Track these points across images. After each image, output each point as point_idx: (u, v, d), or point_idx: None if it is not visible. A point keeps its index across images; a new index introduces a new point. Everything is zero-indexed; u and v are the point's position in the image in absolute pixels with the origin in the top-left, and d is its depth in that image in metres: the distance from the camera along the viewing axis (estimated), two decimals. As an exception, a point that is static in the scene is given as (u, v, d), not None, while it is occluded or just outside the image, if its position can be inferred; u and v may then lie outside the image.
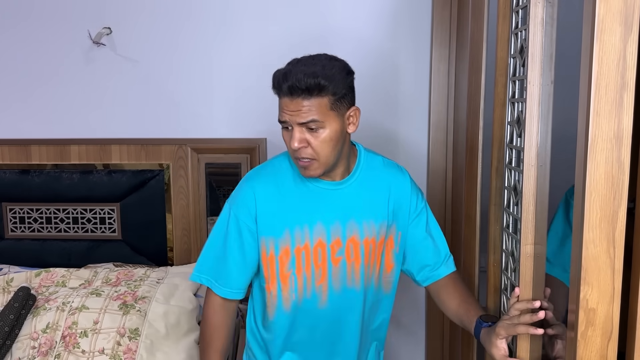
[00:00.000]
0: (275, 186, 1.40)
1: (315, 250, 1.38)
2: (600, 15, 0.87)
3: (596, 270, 0.92)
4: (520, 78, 1.23)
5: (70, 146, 2.30)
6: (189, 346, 1.85)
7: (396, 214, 1.45)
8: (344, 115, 1.30)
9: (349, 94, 1.30)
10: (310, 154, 1.28)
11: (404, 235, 1.48)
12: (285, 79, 1.24)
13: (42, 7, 2.28)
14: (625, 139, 0.89)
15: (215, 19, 2.24)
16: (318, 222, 1.38)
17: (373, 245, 1.42)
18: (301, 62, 1.27)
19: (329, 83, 1.24)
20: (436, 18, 2.16)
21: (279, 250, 1.39)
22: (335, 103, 1.27)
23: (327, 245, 1.39)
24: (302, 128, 1.26)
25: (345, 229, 1.39)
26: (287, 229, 1.38)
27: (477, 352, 1.69)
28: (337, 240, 1.39)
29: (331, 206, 1.39)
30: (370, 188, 1.42)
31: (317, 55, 1.31)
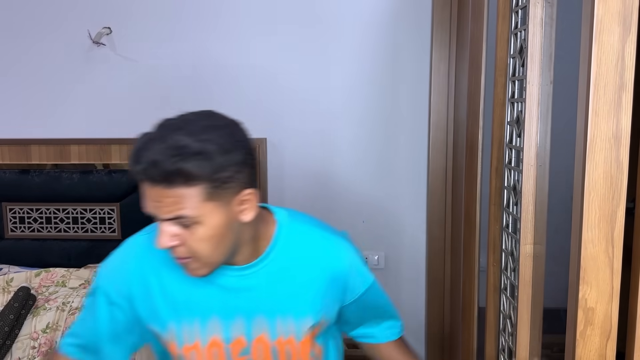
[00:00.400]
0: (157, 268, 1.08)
1: (209, 352, 1.07)
2: (598, 15, 0.87)
3: (595, 269, 0.93)
4: (520, 78, 1.24)
5: (70, 146, 2.31)
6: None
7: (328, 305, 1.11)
8: (231, 202, 0.94)
9: (239, 174, 0.93)
10: (184, 253, 0.95)
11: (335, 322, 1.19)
12: (137, 160, 0.91)
13: (43, 7, 2.28)
14: (624, 139, 0.89)
15: (215, 19, 2.24)
16: (213, 317, 1.06)
17: (292, 347, 1.09)
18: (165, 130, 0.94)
19: (198, 168, 0.88)
20: (436, 18, 2.16)
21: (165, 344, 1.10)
22: (213, 191, 0.90)
23: (224, 345, 1.07)
24: (170, 222, 0.92)
25: (250, 327, 1.07)
26: (173, 324, 1.06)
27: (477, 352, 1.69)
28: (238, 340, 1.07)
29: (231, 297, 1.05)
30: (290, 274, 1.06)
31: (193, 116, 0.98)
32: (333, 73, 2.25)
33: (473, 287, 1.65)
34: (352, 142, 2.28)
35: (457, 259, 2.02)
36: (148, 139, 0.94)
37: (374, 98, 2.27)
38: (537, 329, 1.25)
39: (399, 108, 2.27)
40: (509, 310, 1.34)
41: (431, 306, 2.34)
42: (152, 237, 1.05)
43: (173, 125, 0.95)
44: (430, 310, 2.35)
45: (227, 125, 0.98)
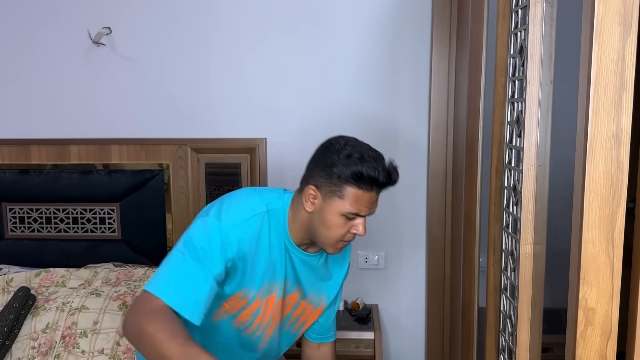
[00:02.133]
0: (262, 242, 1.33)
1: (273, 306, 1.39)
2: (599, 15, 0.87)
3: (595, 269, 0.93)
4: (520, 78, 1.23)
5: (70, 146, 2.31)
6: (188, 346, 1.85)
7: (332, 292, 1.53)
8: None
9: None
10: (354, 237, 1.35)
11: None
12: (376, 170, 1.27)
13: (42, 7, 2.28)
14: (624, 139, 0.89)
15: (215, 19, 2.25)
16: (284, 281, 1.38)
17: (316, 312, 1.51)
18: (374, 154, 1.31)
19: None
20: (436, 18, 2.16)
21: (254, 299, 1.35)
22: None
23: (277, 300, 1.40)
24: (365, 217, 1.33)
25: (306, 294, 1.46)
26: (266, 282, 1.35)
27: (477, 352, 1.69)
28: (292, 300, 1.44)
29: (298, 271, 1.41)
30: (327, 266, 1.49)
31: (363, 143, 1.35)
32: (333, 73, 2.25)
33: (473, 287, 1.65)
34: (352, 142, 2.28)
35: (457, 259, 2.02)
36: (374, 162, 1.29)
37: (374, 98, 2.27)
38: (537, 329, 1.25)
39: (399, 108, 2.27)
40: (509, 310, 1.34)
41: (431, 306, 2.34)
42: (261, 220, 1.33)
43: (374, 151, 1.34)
44: (430, 310, 2.35)
45: None
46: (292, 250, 1.38)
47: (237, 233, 1.27)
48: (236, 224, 1.28)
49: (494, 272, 1.43)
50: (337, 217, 1.30)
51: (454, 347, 2.16)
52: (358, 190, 1.27)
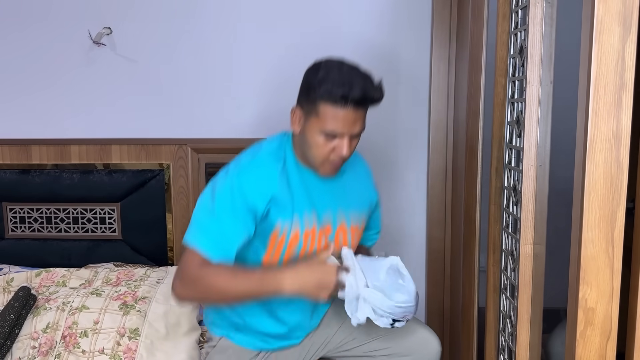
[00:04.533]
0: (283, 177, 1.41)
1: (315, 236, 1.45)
2: (599, 15, 0.87)
3: (595, 269, 0.93)
4: (520, 78, 1.24)
5: (70, 146, 2.31)
6: (189, 346, 1.85)
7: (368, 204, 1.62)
8: None
9: None
10: (346, 157, 1.36)
11: None
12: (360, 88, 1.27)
13: (43, 7, 2.28)
14: (624, 139, 0.89)
15: (215, 19, 2.25)
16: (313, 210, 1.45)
17: (357, 231, 1.56)
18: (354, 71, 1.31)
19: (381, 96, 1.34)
20: (436, 18, 2.16)
21: (290, 233, 1.42)
22: None
23: (317, 230, 1.46)
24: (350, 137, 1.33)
25: (335, 219, 1.49)
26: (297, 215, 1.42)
27: (477, 351, 1.69)
28: (327, 228, 1.48)
29: (325, 196, 1.46)
30: (354, 181, 1.54)
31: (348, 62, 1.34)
32: (333, 73, 2.25)
33: (473, 287, 1.65)
34: (352, 142, 2.28)
35: (457, 259, 2.02)
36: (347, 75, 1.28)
37: (374, 98, 2.27)
38: (537, 329, 1.25)
39: (399, 108, 2.27)
40: (509, 310, 1.34)
41: (431, 306, 2.34)
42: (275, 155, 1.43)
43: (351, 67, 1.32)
44: (430, 310, 2.35)
45: None
46: (308, 178, 1.43)
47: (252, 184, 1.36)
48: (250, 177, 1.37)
49: (494, 272, 1.43)
50: (317, 135, 1.32)
51: (454, 347, 2.16)
52: (332, 107, 1.28)
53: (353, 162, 1.52)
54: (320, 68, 1.33)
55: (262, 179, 1.38)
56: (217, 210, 1.36)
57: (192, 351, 1.85)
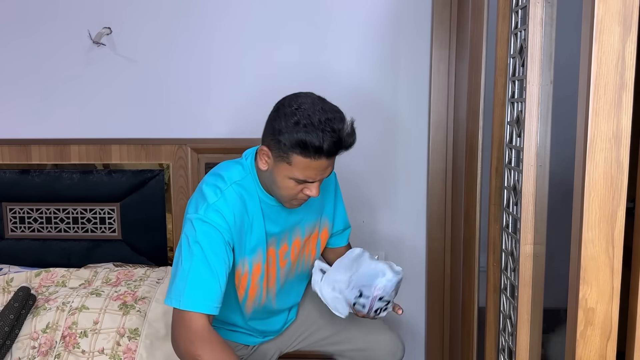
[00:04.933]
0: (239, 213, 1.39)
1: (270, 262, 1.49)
2: (599, 15, 0.87)
3: (595, 269, 0.93)
4: (520, 78, 1.24)
5: (70, 146, 2.31)
6: (189, 346, 1.85)
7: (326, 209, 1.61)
8: None
9: None
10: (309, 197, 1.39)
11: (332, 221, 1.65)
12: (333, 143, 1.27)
13: (42, 7, 2.28)
14: (624, 139, 0.89)
15: (215, 19, 2.25)
16: (273, 236, 1.47)
17: (313, 240, 1.59)
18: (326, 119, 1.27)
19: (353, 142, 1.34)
20: (436, 18, 2.16)
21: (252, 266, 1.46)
22: None
23: (276, 252, 1.50)
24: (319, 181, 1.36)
25: (291, 235, 1.52)
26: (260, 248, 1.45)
27: (477, 351, 1.69)
28: (284, 247, 1.51)
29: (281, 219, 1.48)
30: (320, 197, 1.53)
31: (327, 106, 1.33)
32: (333, 73, 2.25)
33: (473, 287, 1.65)
34: (352, 142, 2.28)
35: (457, 259, 2.02)
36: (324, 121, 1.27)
37: (374, 98, 2.27)
38: (537, 329, 1.25)
39: (399, 108, 2.27)
40: (509, 310, 1.34)
41: (431, 306, 2.34)
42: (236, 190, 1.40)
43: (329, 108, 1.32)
44: (430, 310, 2.35)
45: None
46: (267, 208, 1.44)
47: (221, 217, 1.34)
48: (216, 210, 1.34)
49: (494, 272, 1.43)
50: (286, 180, 1.33)
51: (454, 347, 2.16)
52: (305, 159, 1.28)
53: None
54: (290, 115, 1.29)
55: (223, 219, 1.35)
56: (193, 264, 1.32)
57: (192, 351, 1.84)
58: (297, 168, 1.30)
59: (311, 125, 1.26)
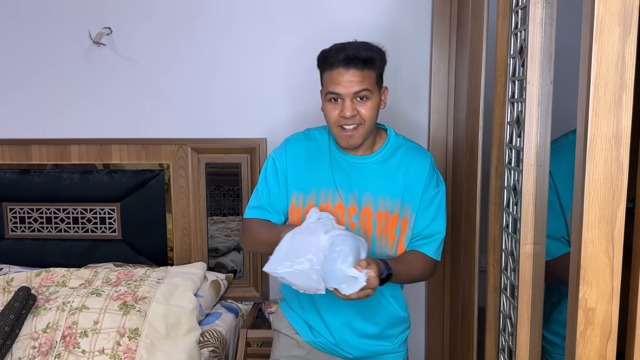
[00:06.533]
0: (306, 149, 1.57)
1: (334, 211, 1.52)
2: (599, 15, 0.87)
3: (595, 269, 0.93)
4: (520, 78, 1.24)
5: (70, 146, 2.31)
6: (189, 346, 1.85)
7: (411, 196, 1.53)
8: (380, 92, 1.48)
9: (383, 74, 1.49)
10: (358, 120, 1.44)
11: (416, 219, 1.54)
12: (343, 50, 1.41)
13: (43, 7, 2.28)
14: (624, 139, 0.89)
15: (215, 19, 2.25)
16: (339, 188, 1.52)
17: (386, 219, 1.52)
18: (349, 43, 1.44)
19: (379, 57, 1.43)
20: (436, 18, 2.16)
21: (305, 205, 1.54)
22: (378, 78, 1.45)
23: (345, 209, 1.52)
24: (354, 98, 1.42)
25: (361, 199, 1.52)
26: (314, 188, 1.53)
27: (477, 351, 1.69)
28: (353, 207, 1.52)
29: (352, 176, 1.52)
30: (390, 167, 1.53)
31: None
32: (333, 73, 2.25)
33: (473, 287, 1.65)
34: (352, 142, 2.28)
35: (457, 259, 2.02)
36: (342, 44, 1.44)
37: (374, 98, 2.26)
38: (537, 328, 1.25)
39: (399, 108, 2.27)
40: (509, 310, 1.34)
41: (431, 306, 2.34)
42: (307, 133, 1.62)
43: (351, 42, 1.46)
44: (430, 310, 2.35)
45: None
46: (338, 155, 1.53)
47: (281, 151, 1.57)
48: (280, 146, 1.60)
49: (494, 272, 1.43)
50: (326, 102, 1.47)
51: (454, 347, 2.16)
52: (328, 72, 1.44)
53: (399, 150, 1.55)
54: None
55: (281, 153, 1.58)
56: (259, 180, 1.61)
57: (192, 351, 1.85)
58: (326, 83, 1.46)
59: (335, 45, 1.45)
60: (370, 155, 1.53)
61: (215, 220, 2.33)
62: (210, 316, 2.13)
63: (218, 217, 2.34)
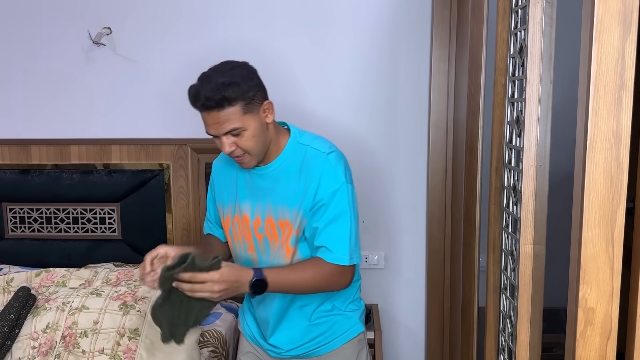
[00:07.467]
0: (224, 165, 1.62)
1: (242, 224, 1.56)
2: (599, 15, 0.87)
3: (595, 269, 0.93)
4: (520, 78, 1.24)
5: (70, 146, 2.31)
6: (188, 346, 1.85)
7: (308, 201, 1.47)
8: (259, 111, 1.43)
9: (258, 92, 1.42)
10: (240, 152, 1.44)
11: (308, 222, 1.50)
12: (197, 99, 1.39)
13: (42, 7, 2.28)
14: (624, 139, 0.89)
15: (214, 19, 2.25)
16: (246, 200, 1.55)
17: (289, 228, 1.50)
18: (207, 78, 1.41)
19: (234, 93, 1.36)
20: (436, 18, 2.16)
21: (225, 216, 1.61)
22: (247, 107, 1.39)
23: (250, 221, 1.55)
24: (227, 135, 1.41)
25: (264, 210, 1.53)
26: (229, 202, 1.59)
27: (477, 351, 1.69)
28: (257, 219, 1.54)
29: (256, 188, 1.54)
30: (289, 173, 1.50)
31: (220, 65, 1.45)
32: (332, 73, 2.25)
33: (473, 287, 1.65)
34: (352, 142, 2.28)
35: (457, 259, 2.02)
36: (199, 82, 1.42)
37: (374, 98, 2.27)
38: (537, 329, 1.25)
39: (399, 108, 2.27)
40: (509, 310, 1.34)
41: (431, 306, 2.34)
42: None
43: (211, 73, 1.44)
44: (430, 310, 2.35)
45: (240, 65, 1.45)
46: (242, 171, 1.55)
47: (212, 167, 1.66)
48: None
49: (494, 272, 1.43)
50: None
51: (454, 347, 2.16)
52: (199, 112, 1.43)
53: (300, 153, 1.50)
54: None
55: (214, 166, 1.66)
56: None
57: (192, 351, 1.84)
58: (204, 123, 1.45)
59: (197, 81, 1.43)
60: (269, 165, 1.51)
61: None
62: (210, 316, 2.13)
63: (218, 217, 2.33)
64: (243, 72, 1.42)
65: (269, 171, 1.51)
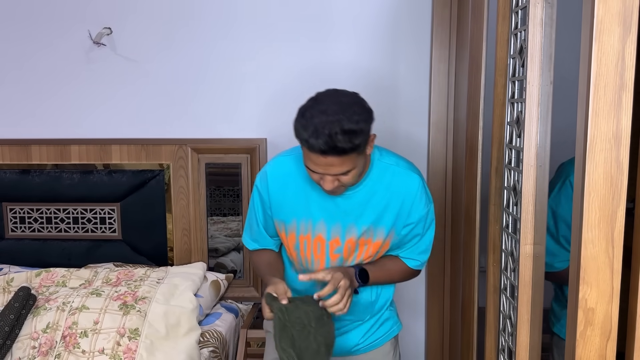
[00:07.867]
0: (286, 178, 1.50)
1: (314, 244, 1.50)
2: (599, 16, 0.87)
3: (595, 270, 0.93)
4: (520, 78, 1.24)
5: (71, 146, 2.31)
6: (189, 346, 1.85)
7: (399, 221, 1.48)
8: (365, 151, 1.35)
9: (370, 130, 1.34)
10: (339, 186, 1.36)
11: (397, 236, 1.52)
12: (316, 136, 1.24)
13: (43, 8, 2.28)
14: (624, 139, 0.89)
15: (215, 19, 2.25)
16: (321, 220, 1.48)
17: (368, 245, 1.50)
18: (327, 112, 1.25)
19: (361, 141, 1.27)
20: (436, 18, 2.16)
21: (287, 233, 1.52)
22: (362, 149, 1.31)
23: (326, 241, 1.49)
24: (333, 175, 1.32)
25: (344, 231, 1.48)
26: (294, 219, 1.49)
27: (477, 351, 1.69)
28: (336, 240, 1.49)
29: (338, 209, 1.46)
30: (374, 195, 1.46)
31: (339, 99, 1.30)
32: (332, 73, 2.25)
33: (473, 287, 1.65)
34: (352, 142, 2.28)
35: (457, 259, 2.02)
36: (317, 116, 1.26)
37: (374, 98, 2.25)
38: (537, 329, 1.25)
39: (399, 108, 2.27)
40: (509, 310, 1.34)
41: (431, 306, 2.34)
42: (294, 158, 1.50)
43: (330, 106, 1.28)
44: (430, 310, 2.35)
45: (361, 103, 1.34)
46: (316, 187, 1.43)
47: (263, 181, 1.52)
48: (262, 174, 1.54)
49: (493, 272, 1.43)
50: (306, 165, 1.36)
51: (454, 348, 2.16)
52: (307, 150, 1.31)
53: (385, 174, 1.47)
54: (304, 109, 1.33)
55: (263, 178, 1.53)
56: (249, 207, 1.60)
57: (192, 351, 1.85)
58: (306, 156, 1.33)
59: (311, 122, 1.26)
60: (356, 188, 1.45)
61: (215, 220, 2.33)
62: (210, 316, 2.13)
63: (218, 217, 2.33)
64: (364, 115, 1.30)
65: (353, 191, 1.44)
